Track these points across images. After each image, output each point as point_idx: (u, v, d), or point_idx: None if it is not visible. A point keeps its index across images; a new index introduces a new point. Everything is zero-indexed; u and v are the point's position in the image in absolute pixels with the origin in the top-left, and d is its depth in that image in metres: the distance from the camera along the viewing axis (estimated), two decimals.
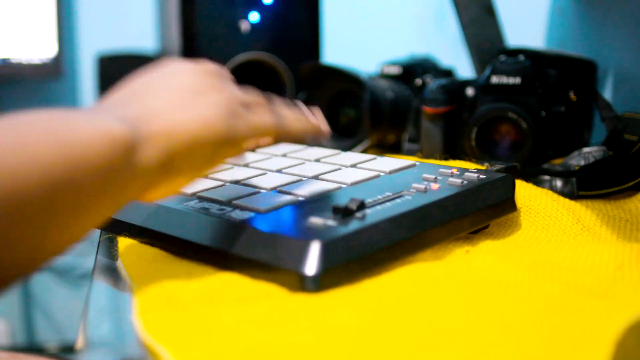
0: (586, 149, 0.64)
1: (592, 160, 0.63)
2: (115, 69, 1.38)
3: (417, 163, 0.57)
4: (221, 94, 0.44)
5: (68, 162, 0.35)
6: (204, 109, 0.42)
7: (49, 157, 0.34)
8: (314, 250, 0.40)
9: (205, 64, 0.46)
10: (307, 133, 0.49)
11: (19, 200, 0.33)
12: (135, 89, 0.43)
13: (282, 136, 0.47)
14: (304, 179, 0.54)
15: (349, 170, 0.56)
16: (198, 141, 0.41)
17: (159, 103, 0.41)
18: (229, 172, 0.58)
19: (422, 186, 0.49)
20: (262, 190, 0.52)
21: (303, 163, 0.60)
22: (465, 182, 0.50)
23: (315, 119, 0.50)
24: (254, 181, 0.55)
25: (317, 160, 0.61)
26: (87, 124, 0.37)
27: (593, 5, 0.95)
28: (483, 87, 0.72)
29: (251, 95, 0.47)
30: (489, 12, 0.87)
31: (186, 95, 0.42)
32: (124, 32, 1.46)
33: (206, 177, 0.58)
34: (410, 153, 0.78)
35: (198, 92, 0.43)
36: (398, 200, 0.47)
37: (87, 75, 1.47)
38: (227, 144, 0.43)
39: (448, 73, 0.92)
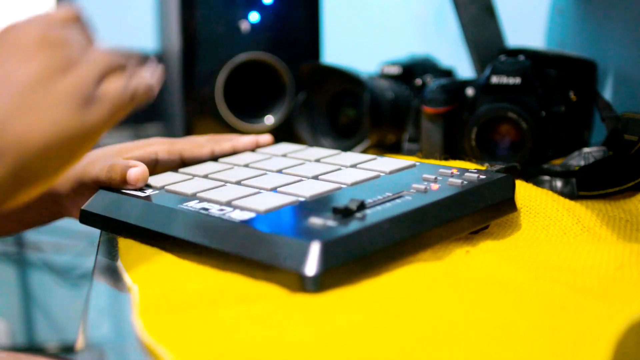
0: (586, 149, 0.64)
1: (592, 160, 0.63)
2: None
3: (417, 163, 0.57)
4: (69, 79, 0.39)
5: None
6: (52, 106, 0.38)
7: None
8: (314, 250, 0.40)
9: (48, 17, 0.40)
10: (154, 91, 0.43)
11: None
12: None
13: (133, 101, 0.42)
14: (304, 179, 0.54)
15: (349, 170, 0.56)
16: (51, 147, 0.38)
17: (2, 105, 0.37)
18: (229, 173, 0.58)
19: (422, 186, 0.49)
20: (262, 191, 0.52)
21: (303, 163, 0.60)
22: (465, 182, 0.50)
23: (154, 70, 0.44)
24: (254, 181, 0.55)
25: (317, 161, 0.61)
26: None
27: (593, 5, 0.95)
28: (483, 87, 0.72)
29: (102, 60, 0.41)
30: (489, 12, 0.87)
31: (30, 90, 0.37)
32: (124, 32, 1.46)
33: (206, 177, 0.58)
34: (410, 153, 0.78)
35: (42, 82, 0.38)
36: (398, 201, 0.47)
37: None
38: (83, 138, 0.39)
39: (448, 73, 0.92)
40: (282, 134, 0.90)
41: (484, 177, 0.51)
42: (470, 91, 0.74)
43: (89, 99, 0.39)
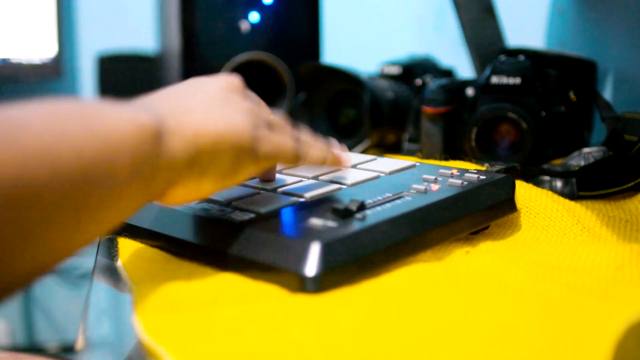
0: (586, 149, 0.64)
1: (592, 160, 0.63)
2: (115, 69, 1.38)
3: (417, 164, 0.57)
4: (249, 106, 0.45)
5: (100, 147, 0.35)
6: (232, 113, 0.43)
7: (83, 142, 0.35)
8: (314, 251, 0.40)
9: (233, 79, 0.48)
10: (326, 163, 0.50)
11: (57, 182, 0.33)
12: (165, 93, 0.45)
13: (300, 162, 0.48)
14: (304, 179, 0.54)
15: (349, 170, 0.56)
16: (223, 141, 0.42)
17: (188, 103, 0.43)
18: None
19: (422, 187, 0.49)
20: (262, 191, 0.52)
21: None
22: (466, 182, 0.50)
23: (337, 150, 0.51)
24: (253, 181, 0.55)
25: None
26: (115, 113, 0.38)
27: (593, 5, 0.95)
28: (483, 87, 0.72)
29: (277, 117, 0.48)
30: (489, 12, 0.87)
31: (216, 100, 0.44)
32: (124, 32, 1.46)
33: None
34: (410, 153, 0.78)
35: (228, 99, 0.45)
36: (398, 201, 0.47)
37: (87, 75, 1.47)
38: (249, 153, 0.43)
39: (448, 73, 0.92)
40: None
41: (484, 177, 0.51)
42: (470, 91, 0.74)
43: (260, 127, 0.45)
